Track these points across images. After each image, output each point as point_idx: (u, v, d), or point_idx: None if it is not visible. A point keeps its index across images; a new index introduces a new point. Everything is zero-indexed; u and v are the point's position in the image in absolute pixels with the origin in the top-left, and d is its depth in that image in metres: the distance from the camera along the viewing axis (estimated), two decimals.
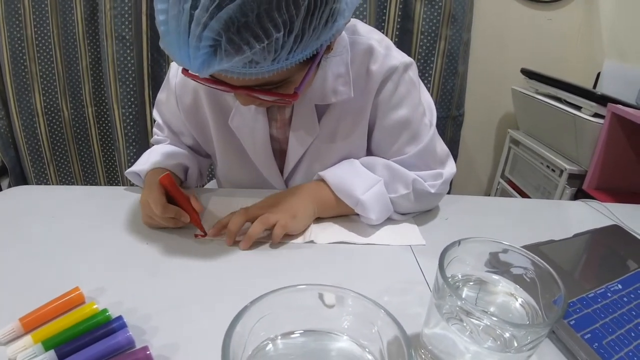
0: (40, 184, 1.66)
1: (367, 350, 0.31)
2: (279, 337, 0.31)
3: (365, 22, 1.41)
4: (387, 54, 0.64)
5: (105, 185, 1.78)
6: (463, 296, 0.37)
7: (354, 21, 0.67)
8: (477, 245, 0.37)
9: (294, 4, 0.42)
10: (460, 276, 0.37)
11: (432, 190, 0.65)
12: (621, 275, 0.52)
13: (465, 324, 0.32)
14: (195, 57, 0.43)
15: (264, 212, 0.58)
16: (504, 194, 1.81)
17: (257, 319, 0.28)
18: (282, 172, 0.74)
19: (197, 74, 0.45)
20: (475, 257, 0.37)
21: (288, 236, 0.59)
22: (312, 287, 0.29)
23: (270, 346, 0.30)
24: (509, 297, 0.37)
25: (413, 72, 0.67)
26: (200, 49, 0.42)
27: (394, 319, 0.27)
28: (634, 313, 0.46)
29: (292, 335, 0.31)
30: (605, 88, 1.55)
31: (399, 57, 0.64)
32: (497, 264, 0.37)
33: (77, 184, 1.75)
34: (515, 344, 0.32)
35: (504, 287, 0.37)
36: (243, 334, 0.27)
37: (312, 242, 0.59)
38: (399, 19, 1.49)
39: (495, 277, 0.37)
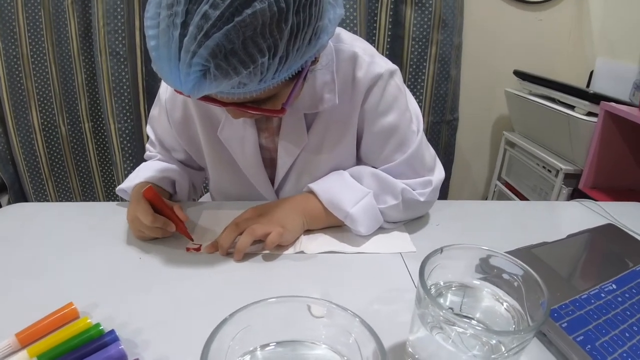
0: (40, 200, 1.66)
1: (346, 359, 0.31)
2: (258, 349, 0.31)
3: (356, 30, 1.43)
4: (372, 61, 0.64)
5: (103, 199, 1.78)
6: (447, 302, 0.37)
7: (338, 29, 0.67)
8: (459, 252, 0.37)
9: (277, 28, 0.42)
10: (442, 283, 0.37)
11: (422, 199, 0.65)
12: (615, 275, 0.51)
13: (446, 333, 0.32)
14: (186, 81, 0.44)
15: (252, 224, 0.59)
16: (501, 196, 1.81)
17: (235, 332, 0.28)
18: (272, 182, 0.74)
19: (189, 95, 0.46)
20: (459, 263, 0.37)
21: (278, 247, 0.59)
22: (284, 299, 0.29)
23: (249, 358, 0.30)
24: (494, 301, 0.37)
25: (398, 79, 0.67)
26: (190, 74, 0.43)
27: (369, 328, 0.26)
28: (628, 313, 0.45)
29: (269, 347, 0.31)
30: (598, 86, 1.55)
31: (384, 64, 0.65)
32: (483, 269, 0.37)
33: (76, 200, 1.75)
34: (503, 349, 0.32)
35: (489, 292, 0.37)
36: (221, 348, 0.27)
37: (302, 252, 0.59)
38: (389, 26, 1.49)
39: (478, 282, 0.37)
